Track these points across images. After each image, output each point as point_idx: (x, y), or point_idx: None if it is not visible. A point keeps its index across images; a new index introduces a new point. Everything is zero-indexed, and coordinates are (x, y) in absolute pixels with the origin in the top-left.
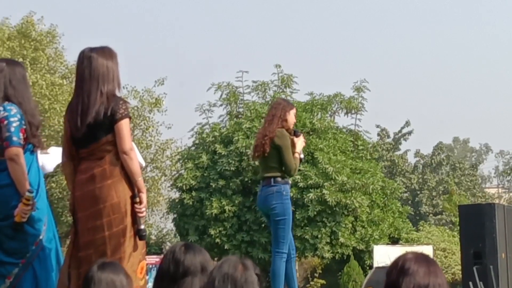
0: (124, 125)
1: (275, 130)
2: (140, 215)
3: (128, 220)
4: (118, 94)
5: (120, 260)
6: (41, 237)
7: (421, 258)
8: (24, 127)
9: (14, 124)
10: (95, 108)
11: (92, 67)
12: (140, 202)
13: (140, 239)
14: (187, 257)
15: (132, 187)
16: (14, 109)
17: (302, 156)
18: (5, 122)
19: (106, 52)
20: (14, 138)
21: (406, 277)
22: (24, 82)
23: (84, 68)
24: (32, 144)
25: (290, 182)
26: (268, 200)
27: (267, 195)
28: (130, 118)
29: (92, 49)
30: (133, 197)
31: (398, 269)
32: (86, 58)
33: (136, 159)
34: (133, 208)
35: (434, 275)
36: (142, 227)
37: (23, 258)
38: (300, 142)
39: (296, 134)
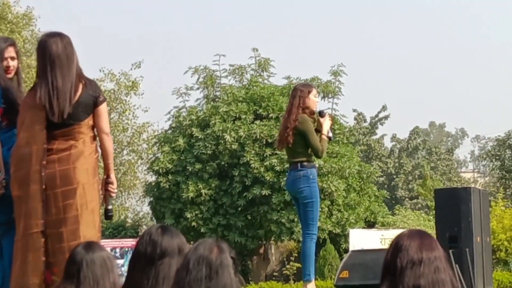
0: (105, 108)
1: (296, 119)
2: (113, 195)
3: (98, 202)
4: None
5: (92, 239)
6: (12, 216)
7: (414, 232)
8: (3, 106)
9: None
10: (76, 91)
11: (68, 51)
12: (113, 183)
13: (107, 218)
14: (164, 239)
15: (105, 169)
16: None
17: (330, 134)
18: None
19: (65, 36)
20: None
21: (400, 253)
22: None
23: (68, 51)
24: (14, 123)
25: (316, 165)
26: (295, 184)
27: (294, 179)
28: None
29: (63, 34)
30: (104, 178)
31: (392, 247)
32: (65, 42)
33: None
34: (103, 189)
35: (429, 248)
36: (110, 207)
37: None
38: (326, 122)
39: (321, 115)
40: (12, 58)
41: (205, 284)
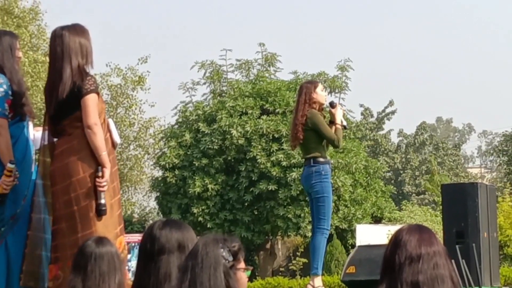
0: (89, 100)
1: (304, 115)
2: (100, 189)
3: (94, 196)
4: (90, 70)
5: (91, 234)
6: (18, 211)
7: (414, 227)
8: (11, 98)
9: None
10: (65, 85)
11: (64, 44)
12: (102, 176)
13: (99, 214)
14: (162, 234)
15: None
16: (0, 79)
17: (345, 123)
18: None
19: (77, 28)
20: None
21: (398, 249)
22: (10, 52)
23: (56, 46)
24: (20, 115)
25: (330, 161)
26: (308, 180)
27: (307, 175)
28: (97, 93)
29: (63, 27)
30: (96, 172)
31: (391, 243)
32: (58, 36)
33: (100, 134)
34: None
35: (428, 243)
36: (102, 201)
37: None
38: (338, 112)
39: (332, 105)
40: (19, 50)
41: (189, 275)
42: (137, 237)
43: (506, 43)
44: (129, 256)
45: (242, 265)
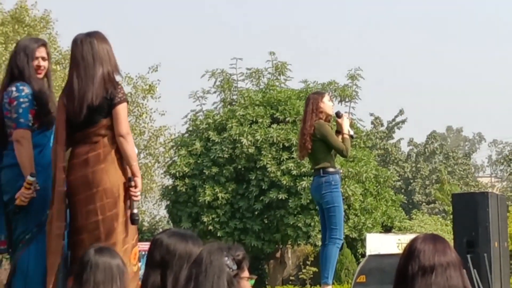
0: (122, 109)
1: (312, 126)
2: (135, 199)
3: (121, 205)
4: (117, 78)
5: (114, 245)
6: (43, 218)
7: (429, 237)
8: (35, 108)
9: (23, 105)
10: (95, 92)
11: (94, 50)
12: (135, 186)
13: (133, 223)
14: (171, 243)
15: (125, 172)
16: (26, 89)
17: (352, 132)
18: (15, 102)
19: (102, 36)
20: (22, 120)
21: (411, 260)
22: (26, 60)
23: (85, 52)
24: (46, 124)
25: (340, 171)
26: (318, 190)
27: (317, 186)
28: (127, 102)
29: (90, 34)
30: (126, 182)
31: (406, 252)
32: (86, 43)
33: (133, 143)
34: (125, 193)
35: (442, 253)
36: (136, 211)
37: (22, 239)
38: (345, 122)
39: (338, 116)
40: (43, 59)
41: (193, 283)
42: (147, 246)
43: None
44: (139, 264)
45: (246, 273)
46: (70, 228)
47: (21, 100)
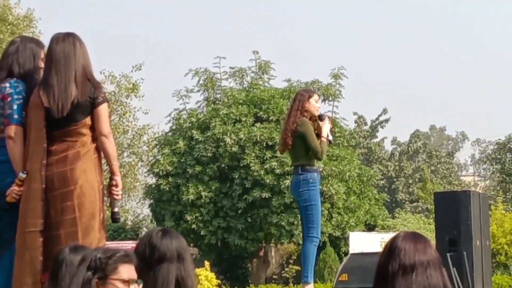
0: (104, 109)
1: (295, 122)
2: (116, 197)
3: (98, 204)
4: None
5: (91, 244)
6: None
7: (410, 235)
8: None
9: (18, 102)
10: (80, 90)
11: (76, 49)
12: (117, 185)
13: (114, 221)
14: (163, 243)
15: (103, 171)
16: (20, 86)
17: (330, 138)
18: (9, 99)
19: (79, 37)
20: (15, 116)
21: (392, 258)
22: (33, 61)
23: (68, 50)
24: None
25: (319, 169)
26: (296, 188)
27: (296, 183)
28: (108, 102)
29: (70, 34)
30: (103, 181)
31: (386, 251)
32: (68, 41)
33: (113, 143)
34: (103, 192)
35: (422, 252)
36: (117, 209)
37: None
38: (325, 126)
39: (320, 118)
40: (42, 60)
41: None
42: (130, 244)
43: (499, 52)
44: None
45: (120, 276)
46: (44, 224)
47: (15, 96)
